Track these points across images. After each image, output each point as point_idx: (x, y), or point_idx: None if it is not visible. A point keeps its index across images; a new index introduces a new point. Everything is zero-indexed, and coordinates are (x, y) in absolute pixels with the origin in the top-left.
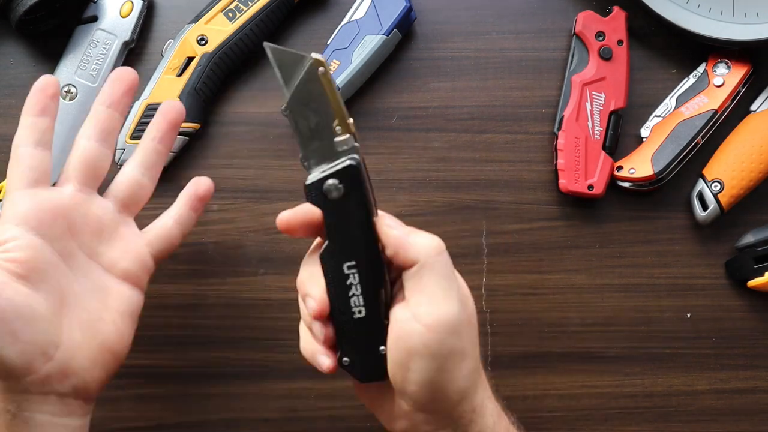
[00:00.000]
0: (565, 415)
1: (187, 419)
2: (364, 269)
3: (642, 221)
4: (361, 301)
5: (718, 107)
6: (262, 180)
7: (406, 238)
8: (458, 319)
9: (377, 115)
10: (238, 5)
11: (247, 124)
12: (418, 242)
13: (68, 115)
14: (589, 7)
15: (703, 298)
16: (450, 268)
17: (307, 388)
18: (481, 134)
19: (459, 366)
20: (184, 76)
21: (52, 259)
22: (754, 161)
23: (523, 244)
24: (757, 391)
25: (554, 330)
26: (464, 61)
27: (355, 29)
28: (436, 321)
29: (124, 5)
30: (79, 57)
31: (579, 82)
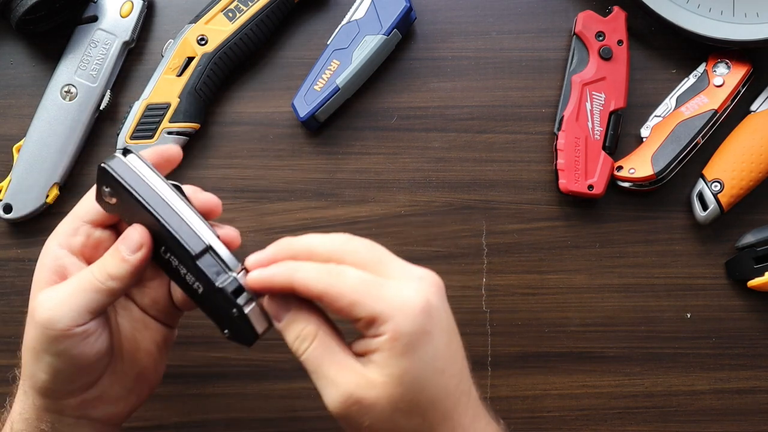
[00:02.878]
0: (565, 415)
1: (187, 419)
2: (174, 246)
3: (642, 221)
4: (192, 277)
5: (718, 107)
6: (262, 180)
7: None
8: (347, 408)
9: (377, 115)
10: (238, 5)
11: (247, 124)
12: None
13: (68, 115)
14: (589, 7)
15: (703, 298)
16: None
17: (307, 388)
18: (481, 134)
19: None
20: (184, 76)
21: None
22: (754, 161)
23: (523, 244)
24: (757, 391)
25: (554, 330)
26: (464, 61)
27: (355, 29)
28: (330, 407)
29: (124, 5)
30: (79, 57)
31: (579, 82)
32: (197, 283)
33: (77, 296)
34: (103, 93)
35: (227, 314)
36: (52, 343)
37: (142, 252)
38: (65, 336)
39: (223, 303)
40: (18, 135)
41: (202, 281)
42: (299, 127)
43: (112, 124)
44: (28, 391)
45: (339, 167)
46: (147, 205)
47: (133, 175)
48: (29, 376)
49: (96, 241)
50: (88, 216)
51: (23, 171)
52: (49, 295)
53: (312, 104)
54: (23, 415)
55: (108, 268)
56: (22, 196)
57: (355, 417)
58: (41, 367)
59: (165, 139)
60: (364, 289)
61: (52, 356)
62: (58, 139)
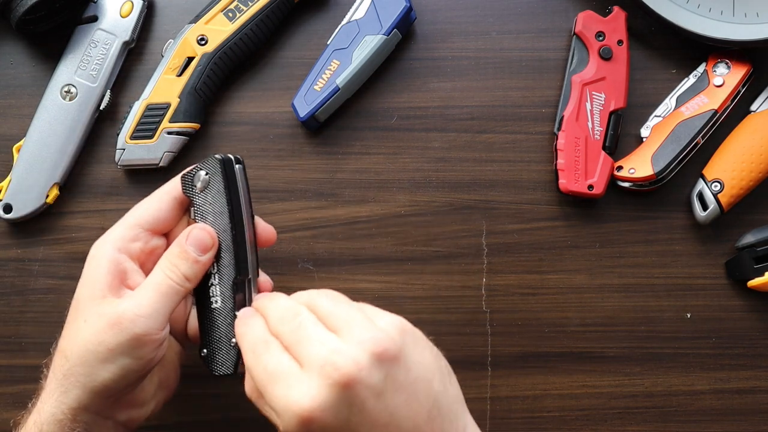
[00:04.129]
0: (565, 415)
1: (187, 419)
2: (224, 258)
3: (642, 221)
4: (218, 290)
5: (718, 107)
6: (262, 180)
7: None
8: None
9: (377, 115)
10: (238, 5)
11: (247, 124)
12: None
13: (68, 115)
14: (589, 7)
15: (703, 298)
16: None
17: None
18: (481, 134)
19: None
20: (184, 76)
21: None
22: (754, 161)
23: (523, 244)
24: (757, 391)
25: (554, 330)
26: (464, 61)
27: (355, 29)
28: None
29: (124, 5)
30: (79, 57)
31: (579, 82)
32: (220, 299)
33: (162, 302)
34: (103, 93)
35: (224, 339)
36: (135, 347)
37: (211, 253)
38: (150, 341)
39: (228, 328)
40: (18, 135)
41: (226, 300)
42: (299, 127)
43: (112, 124)
44: (72, 390)
45: (339, 167)
46: (234, 213)
47: (239, 183)
48: (87, 374)
49: (152, 248)
50: (146, 224)
51: (23, 171)
52: (135, 304)
53: (312, 104)
54: (56, 417)
55: (183, 269)
56: (22, 196)
57: None
58: (110, 368)
59: (165, 139)
60: (272, 381)
61: (130, 359)
62: (58, 139)
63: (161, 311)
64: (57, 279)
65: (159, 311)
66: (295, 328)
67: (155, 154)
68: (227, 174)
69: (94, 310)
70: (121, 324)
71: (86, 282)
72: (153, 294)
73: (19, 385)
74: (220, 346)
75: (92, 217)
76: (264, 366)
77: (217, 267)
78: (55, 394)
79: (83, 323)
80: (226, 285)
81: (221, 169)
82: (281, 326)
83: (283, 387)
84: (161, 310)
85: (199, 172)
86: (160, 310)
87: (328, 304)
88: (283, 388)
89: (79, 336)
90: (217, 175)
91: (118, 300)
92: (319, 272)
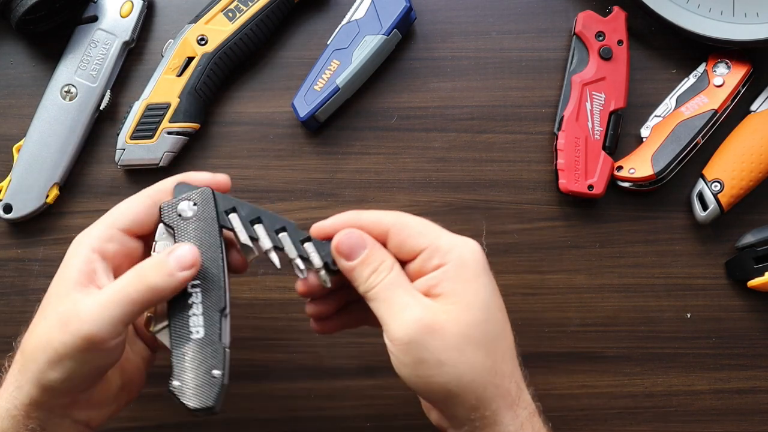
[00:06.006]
0: (565, 415)
1: (187, 419)
2: (209, 289)
3: (642, 221)
4: (201, 321)
5: (718, 107)
6: (262, 180)
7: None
8: (418, 333)
9: (377, 115)
10: (238, 5)
11: (247, 124)
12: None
13: (68, 115)
14: (589, 7)
15: (703, 298)
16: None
17: (307, 388)
18: (481, 134)
19: (432, 374)
20: (184, 76)
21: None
22: (754, 161)
23: (523, 244)
24: (757, 391)
25: (554, 330)
26: (464, 61)
27: (355, 29)
28: (399, 334)
29: (124, 5)
30: (79, 57)
31: (579, 82)
32: (203, 329)
33: (117, 308)
34: (103, 93)
35: (203, 370)
36: (83, 352)
37: (190, 271)
38: (100, 348)
39: (211, 360)
40: (18, 135)
41: (211, 330)
42: (299, 127)
43: (112, 124)
44: (25, 386)
45: (339, 167)
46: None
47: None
48: (37, 371)
49: (128, 250)
50: (124, 224)
51: (23, 171)
52: (87, 305)
53: (312, 104)
54: (11, 412)
55: (150, 280)
56: (22, 196)
57: (423, 341)
58: (59, 369)
59: (165, 139)
60: (432, 225)
61: (77, 363)
62: (58, 139)
63: (116, 318)
64: None
65: (113, 318)
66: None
67: (155, 154)
68: (217, 204)
69: (54, 307)
70: (69, 324)
71: (57, 277)
72: (110, 299)
73: None
74: (199, 378)
75: (92, 217)
76: (416, 221)
77: (202, 297)
78: (10, 388)
79: (43, 320)
80: (212, 315)
81: (212, 198)
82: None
83: (451, 234)
84: (116, 317)
85: (184, 201)
86: (114, 317)
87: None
88: (451, 234)
89: (35, 332)
90: (207, 205)
91: (78, 297)
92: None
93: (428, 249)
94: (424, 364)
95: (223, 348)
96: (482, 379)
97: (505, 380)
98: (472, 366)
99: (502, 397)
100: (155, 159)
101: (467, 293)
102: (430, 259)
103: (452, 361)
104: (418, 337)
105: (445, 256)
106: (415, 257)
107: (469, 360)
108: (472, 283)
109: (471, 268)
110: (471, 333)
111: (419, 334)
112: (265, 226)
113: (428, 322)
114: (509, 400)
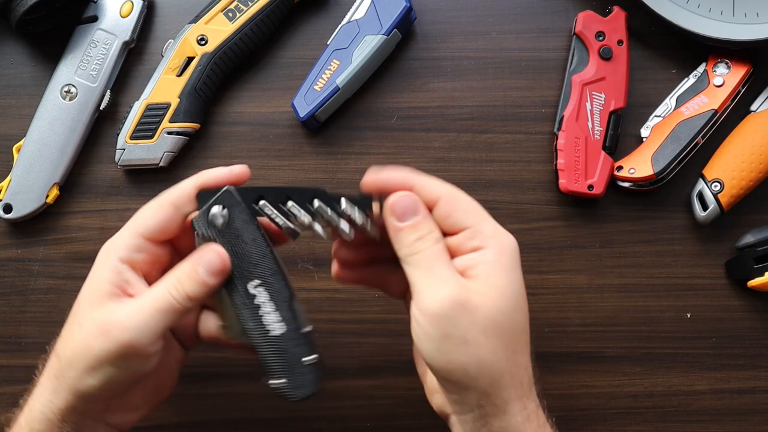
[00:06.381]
0: (565, 415)
1: (187, 419)
2: (270, 284)
3: (642, 221)
4: (275, 317)
5: (718, 107)
6: (262, 180)
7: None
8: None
9: (377, 115)
10: (238, 5)
11: (247, 124)
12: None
13: (68, 115)
14: (589, 7)
15: (703, 298)
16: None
17: None
18: (481, 134)
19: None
20: (184, 76)
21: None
22: (754, 161)
23: (523, 244)
24: (757, 391)
25: (554, 330)
26: (464, 61)
27: (355, 29)
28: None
29: (124, 5)
30: (79, 57)
31: (579, 82)
32: (278, 324)
33: (157, 317)
34: (103, 93)
35: (294, 361)
36: (123, 359)
37: (221, 276)
38: (140, 355)
39: (298, 349)
40: (18, 135)
41: (287, 323)
42: (299, 127)
43: (112, 124)
44: (62, 392)
45: (339, 167)
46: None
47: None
48: (75, 378)
49: (155, 257)
50: (149, 232)
51: (23, 171)
52: (127, 313)
53: (312, 104)
54: (46, 416)
55: (186, 288)
56: (22, 196)
57: (453, 317)
58: (97, 376)
59: (165, 139)
60: (480, 208)
61: (116, 369)
62: (58, 139)
63: (154, 326)
64: (57, 279)
65: (151, 326)
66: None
67: (155, 154)
68: (244, 200)
69: (90, 315)
70: (109, 332)
71: (87, 287)
72: (149, 307)
73: (19, 385)
74: (295, 370)
75: (92, 217)
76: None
77: (268, 294)
78: (46, 393)
79: (77, 327)
80: (283, 308)
81: (239, 198)
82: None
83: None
84: (154, 325)
85: (212, 209)
86: (152, 325)
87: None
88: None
89: (72, 339)
90: (235, 205)
91: (114, 306)
92: (319, 272)
93: (472, 229)
94: (449, 339)
95: (305, 334)
96: (500, 366)
97: (520, 371)
98: (494, 351)
99: (515, 388)
100: (155, 159)
101: (502, 280)
102: (472, 239)
103: (477, 342)
104: (450, 312)
105: (487, 240)
106: (456, 233)
107: (493, 345)
108: (509, 272)
109: (509, 258)
110: (499, 319)
111: (451, 309)
112: (297, 202)
113: (462, 299)
114: (521, 391)
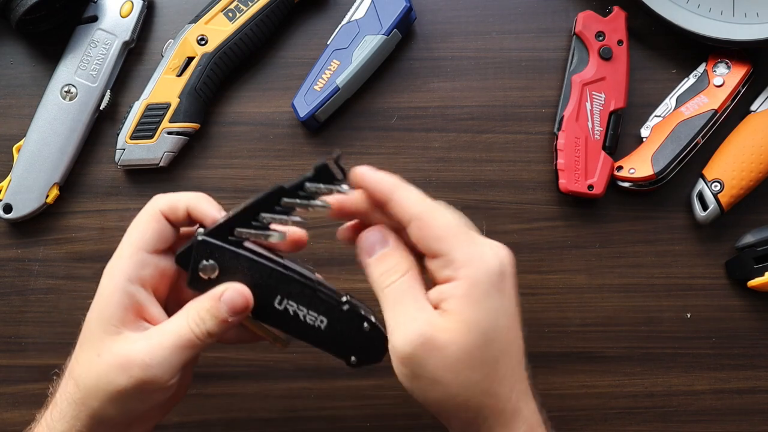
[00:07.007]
0: (565, 415)
1: (187, 419)
2: (295, 293)
3: (642, 221)
4: (315, 314)
5: (718, 107)
6: (262, 180)
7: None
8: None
9: (377, 115)
10: (238, 5)
11: (247, 124)
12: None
13: (68, 115)
14: (589, 7)
15: (703, 298)
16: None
17: (307, 388)
18: (481, 134)
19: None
20: (184, 76)
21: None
22: (754, 161)
23: (523, 244)
24: (757, 391)
25: (554, 330)
26: (464, 61)
27: (355, 29)
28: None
29: (124, 5)
30: (79, 57)
31: (579, 82)
32: (321, 318)
33: (178, 353)
34: (103, 93)
35: (356, 335)
36: (144, 393)
37: (244, 314)
38: (159, 389)
39: (351, 323)
40: (18, 135)
41: (327, 312)
42: (299, 127)
43: (112, 124)
44: (84, 418)
45: None
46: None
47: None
48: (98, 408)
49: (161, 270)
50: (148, 245)
51: (23, 171)
52: (146, 349)
53: (312, 104)
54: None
55: (208, 326)
56: (22, 196)
57: (421, 358)
58: (119, 407)
59: (165, 139)
60: (455, 230)
61: (138, 401)
62: (58, 139)
63: (175, 363)
64: (57, 279)
65: (171, 362)
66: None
67: (155, 154)
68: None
69: (108, 346)
70: (131, 369)
71: (98, 310)
72: (169, 344)
73: (19, 385)
74: (359, 343)
75: (92, 217)
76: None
77: (297, 303)
78: (67, 416)
79: (97, 357)
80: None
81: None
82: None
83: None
84: (175, 362)
85: (199, 266)
86: (173, 361)
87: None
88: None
89: (92, 369)
90: (219, 249)
91: (134, 337)
92: (319, 272)
93: (444, 258)
94: (420, 379)
95: (348, 309)
96: (476, 400)
97: (500, 401)
98: (467, 387)
99: (495, 418)
100: (155, 159)
101: (472, 315)
102: (444, 268)
103: (446, 381)
104: (417, 352)
105: (458, 271)
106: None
107: (464, 382)
108: (480, 304)
109: (481, 288)
110: (468, 356)
111: (418, 349)
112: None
113: (428, 338)
114: (503, 419)
